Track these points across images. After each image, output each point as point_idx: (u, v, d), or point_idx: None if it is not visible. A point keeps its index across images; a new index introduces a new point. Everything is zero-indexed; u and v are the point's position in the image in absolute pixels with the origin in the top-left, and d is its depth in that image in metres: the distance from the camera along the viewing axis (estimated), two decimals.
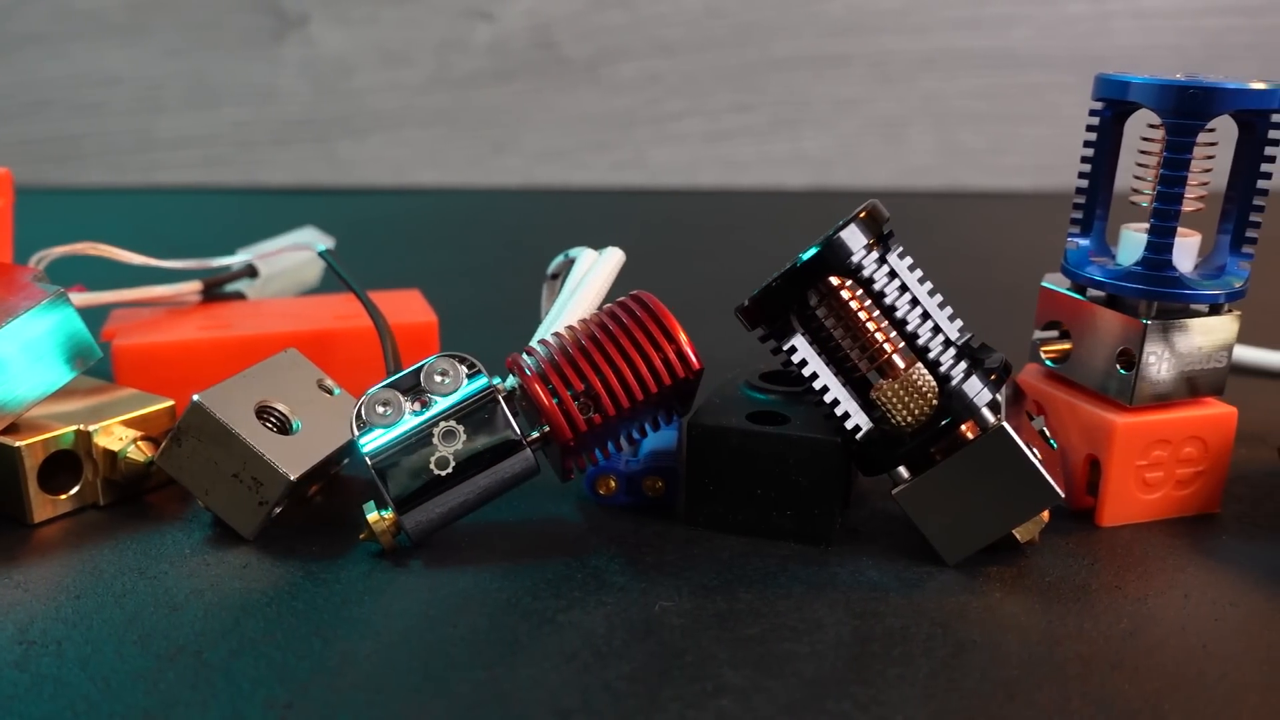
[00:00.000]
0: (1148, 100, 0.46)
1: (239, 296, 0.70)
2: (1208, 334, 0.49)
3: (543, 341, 0.47)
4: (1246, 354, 0.70)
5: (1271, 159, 0.48)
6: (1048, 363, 0.53)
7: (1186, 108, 0.45)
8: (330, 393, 0.53)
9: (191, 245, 0.75)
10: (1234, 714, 0.37)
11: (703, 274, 0.96)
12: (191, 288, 0.66)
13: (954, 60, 1.42)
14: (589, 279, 0.52)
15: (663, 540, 0.48)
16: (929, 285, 0.47)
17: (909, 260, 0.47)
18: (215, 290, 0.68)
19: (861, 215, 0.44)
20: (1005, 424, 0.44)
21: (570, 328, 0.48)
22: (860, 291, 0.45)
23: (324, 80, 1.42)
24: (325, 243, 0.77)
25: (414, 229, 1.19)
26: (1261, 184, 0.48)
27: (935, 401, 0.44)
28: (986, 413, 0.44)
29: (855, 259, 0.44)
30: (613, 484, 0.51)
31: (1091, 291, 0.50)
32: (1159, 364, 0.48)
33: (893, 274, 0.46)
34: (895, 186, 1.44)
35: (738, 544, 0.47)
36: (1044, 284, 0.52)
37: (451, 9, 1.41)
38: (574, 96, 1.43)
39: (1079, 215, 0.51)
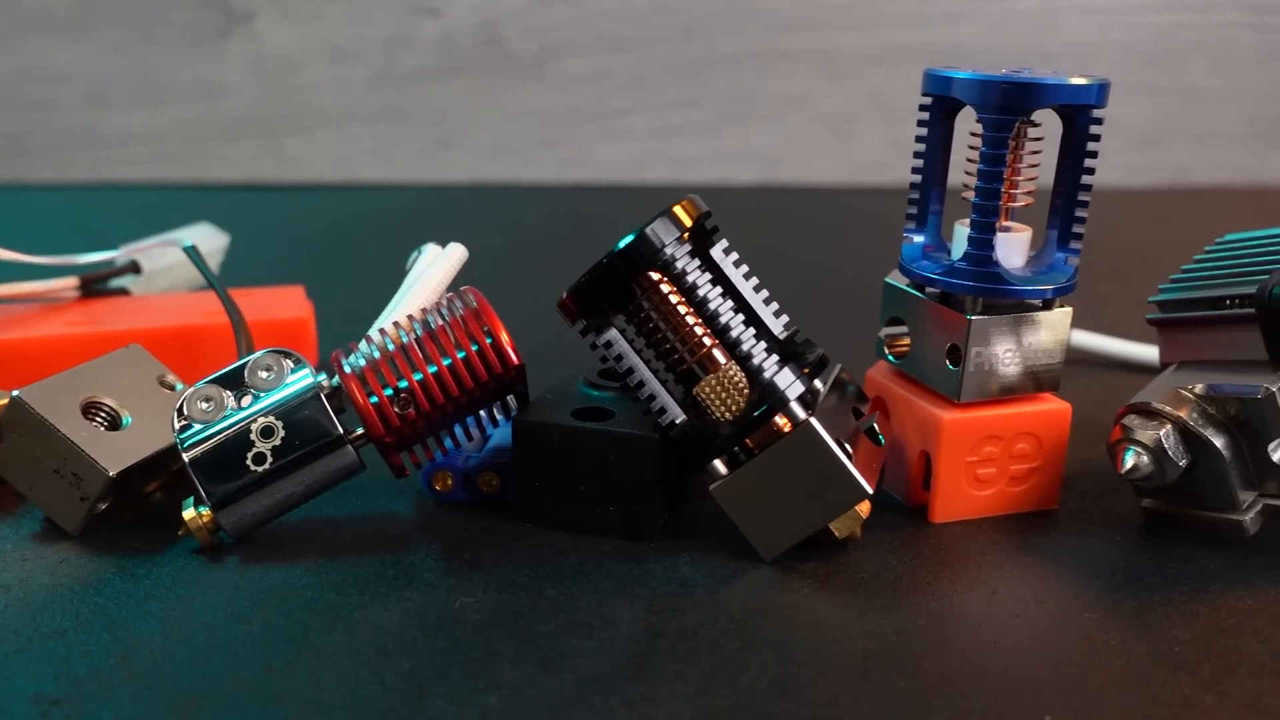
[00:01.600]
0: (965, 95, 0.46)
1: (123, 292, 0.70)
2: (1038, 330, 0.48)
3: (367, 338, 0.47)
4: (1119, 347, 0.70)
5: (1094, 154, 0.47)
6: (890, 359, 0.52)
7: (1001, 102, 0.45)
8: (172, 388, 0.52)
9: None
10: (1000, 711, 0.36)
11: None
12: (67, 284, 0.66)
13: (901, 56, 1.42)
14: (425, 275, 0.52)
15: (488, 537, 0.48)
16: (754, 281, 0.47)
17: (734, 255, 0.47)
18: (97, 286, 0.68)
19: (671, 210, 0.44)
20: (813, 420, 0.44)
21: (395, 324, 0.48)
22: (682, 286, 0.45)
23: (271, 77, 1.42)
24: (221, 239, 0.78)
25: (362, 226, 1.19)
26: (1086, 179, 0.48)
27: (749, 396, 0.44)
28: (796, 407, 0.44)
29: (667, 253, 0.44)
30: (449, 480, 0.51)
31: (931, 289, 0.50)
32: (986, 360, 0.48)
33: (713, 268, 0.46)
34: (844, 182, 1.43)
35: (561, 540, 0.47)
36: (886, 280, 0.52)
37: (398, 5, 1.41)
38: (521, 93, 1.43)
39: (914, 211, 0.50)
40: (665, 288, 0.45)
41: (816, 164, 1.46)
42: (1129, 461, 0.46)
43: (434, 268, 0.52)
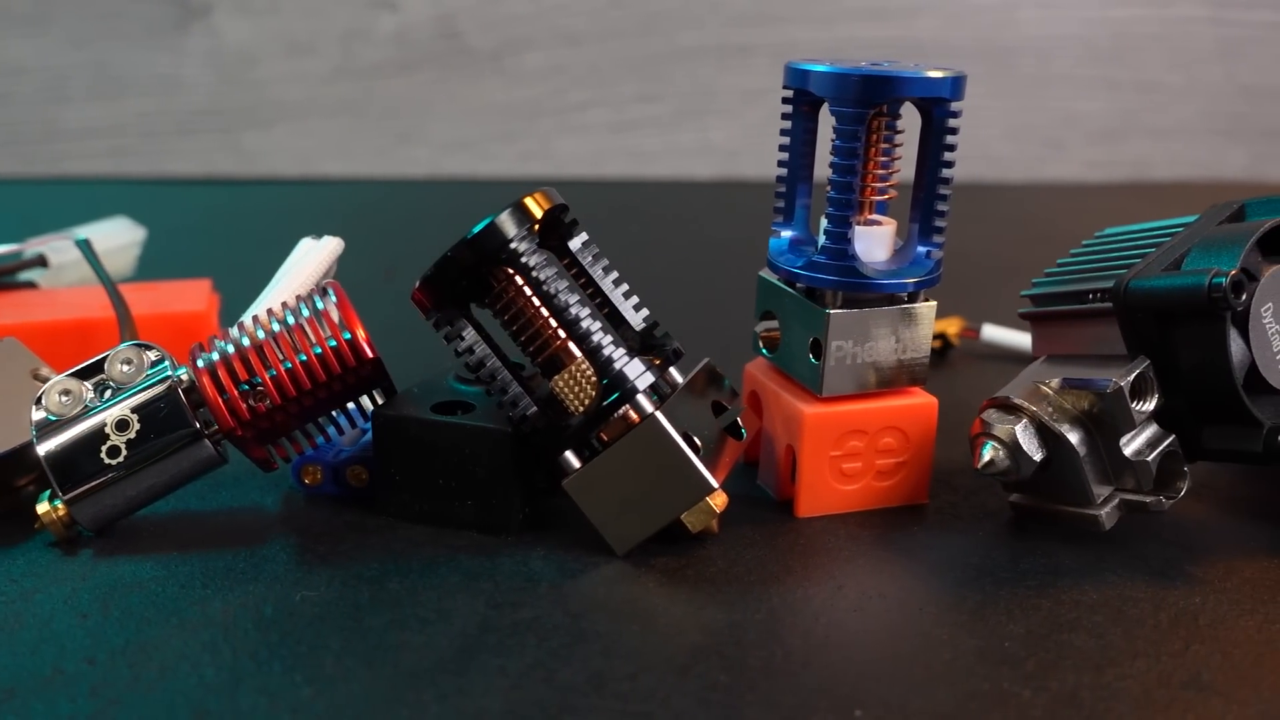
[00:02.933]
0: (819, 89, 0.46)
1: (31, 286, 0.70)
2: (902, 324, 0.48)
3: (224, 331, 0.47)
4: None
5: (951, 147, 0.47)
6: (764, 352, 0.52)
7: (851, 95, 0.45)
8: (45, 382, 0.52)
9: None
10: (813, 705, 0.36)
11: (616, 264, 0.95)
12: None
13: (859, 50, 1.41)
14: (297, 268, 0.52)
15: (348, 531, 0.48)
16: (615, 274, 0.47)
17: (595, 249, 0.47)
18: (3, 280, 0.68)
19: (521, 201, 0.44)
20: (658, 413, 0.44)
21: (255, 318, 0.48)
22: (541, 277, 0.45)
23: (228, 70, 1.42)
24: (137, 233, 0.78)
25: (320, 220, 1.19)
26: (945, 173, 0.47)
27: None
28: (643, 399, 0.44)
29: (515, 245, 0.44)
30: (318, 474, 0.51)
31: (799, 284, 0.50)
32: (848, 354, 0.48)
33: (573, 262, 0.46)
34: None
35: (419, 534, 0.47)
36: (760, 275, 0.52)
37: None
38: (479, 87, 1.43)
39: (781, 204, 0.50)
40: (520, 280, 0.45)
41: (775, 158, 1.45)
42: (985, 456, 0.46)
43: (304, 261, 0.52)
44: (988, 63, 1.41)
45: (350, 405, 0.49)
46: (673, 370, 0.48)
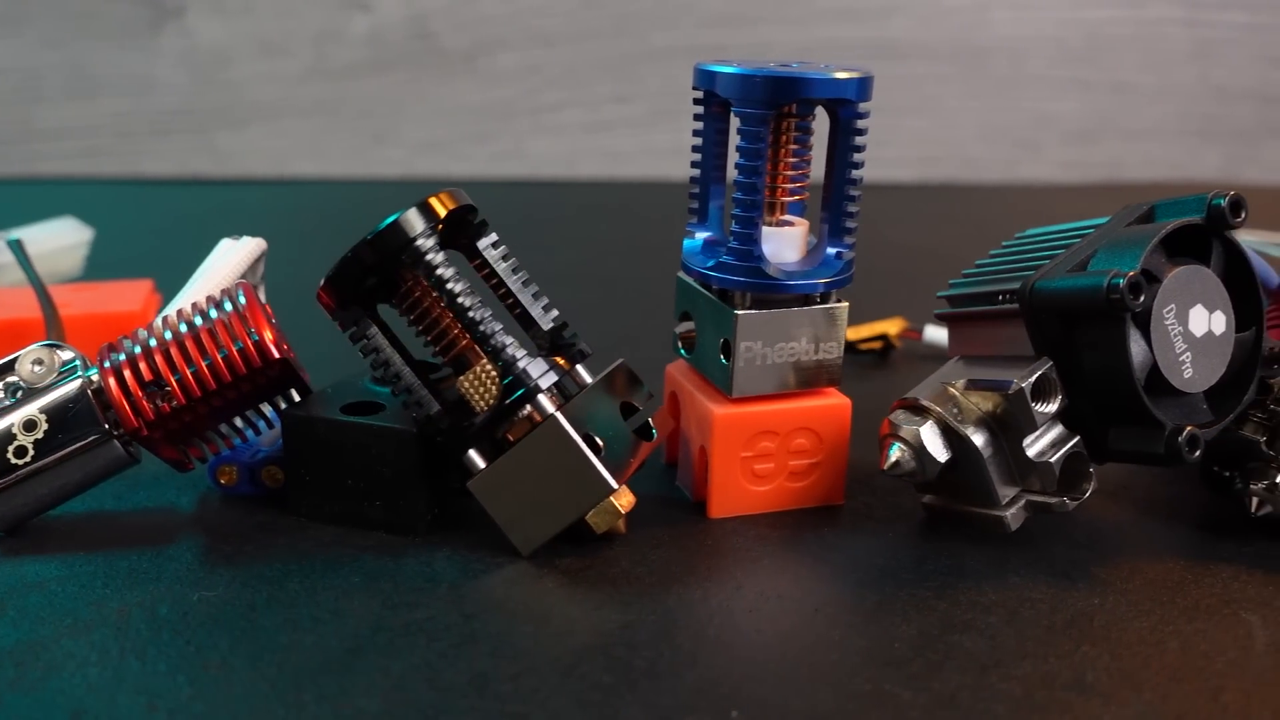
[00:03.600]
0: (723, 90, 0.46)
1: None
2: (812, 324, 0.48)
3: (133, 332, 0.47)
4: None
5: (859, 148, 0.47)
6: (682, 353, 0.52)
7: (753, 96, 0.45)
8: None
9: None
10: (691, 705, 0.36)
11: (583, 265, 0.95)
12: None
13: (832, 51, 1.41)
14: (213, 268, 0.52)
15: (258, 531, 0.48)
16: (524, 275, 0.47)
17: (503, 249, 0.47)
18: None
19: (426, 201, 0.44)
20: (558, 413, 0.44)
21: (165, 318, 0.48)
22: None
23: (202, 71, 1.42)
24: (84, 234, 0.78)
25: (294, 220, 1.19)
26: (854, 173, 0.47)
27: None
28: (544, 399, 0.44)
29: (418, 244, 0.44)
30: (234, 474, 0.51)
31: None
32: (757, 355, 0.48)
33: (482, 262, 0.46)
34: None
35: (328, 534, 0.47)
36: (679, 275, 0.52)
37: (328, 0, 1.41)
38: (453, 87, 1.43)
39: (695, 205, 0.50)
40: (424, 280, 0.45)
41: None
42: (891, 457, 0.46)
43: (221, 261, 0.52)
44: (961, 63, 1.41)
45: (269, 407, 0.49)
46: (581, 371, 0.48)
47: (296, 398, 0.48)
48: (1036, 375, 0.44)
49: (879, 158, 1.46)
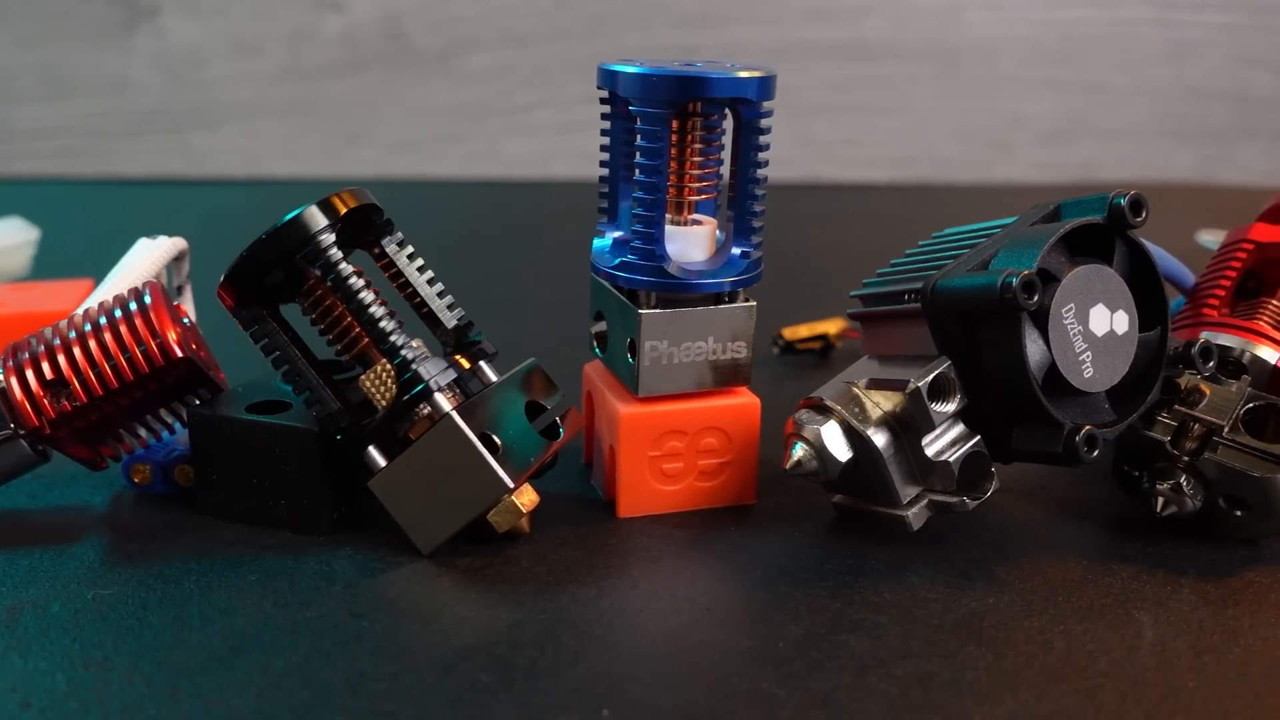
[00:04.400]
0: (623, 89, 0.46)
1: None
2: (718, 323, 0.48)
3: (40, 332, 0.47)
4: None
5: (762, 148, 0.47)
6: (597, 353, 0.52)
7: (650, 96, 0.45)
8: None
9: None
10: (564, 704, 0.36)
11: (553, 264, 0.94)
12: None
13: (805, 52, 1.41)
14: (126, 268, 0.52)
15: (166, 530, 0.48)
16: (430, 274, 0.47)
17: (409, 249, 0.47)
18: None
19: (328, 199, 0.44)
20: (453, 412, 0.44)
21: (71, 317, 0.48)
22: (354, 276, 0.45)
23: (176, 71, 1.42)
24: (30, 234, 0.78)
25: (268, 221, 1.19)
26: (759, 173, 0.47)
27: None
28: (439, 398, 0.44)
29: (314, 244, 0.44)
30: (147, 472, 0.51)
31: None
32: (663, 354, 0.48)
33: (389, 263, 0.46)
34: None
35: (235, 533, 0.47)
36: (592, 275, 0.52)
37: (301, 0, 1.41)
38: (426, 88, 1.43)
39: (604, 205, 0.50)
40: (322, 279, 0.45)
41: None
42: (794, 456, 0.46)
43: (135, 260, 0.52)
44: (934, 64, 1.40)
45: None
46: (487, 370, 0.48)
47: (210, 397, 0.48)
48: (933, 375, 0.44)
49: (853, 158, 1.46)
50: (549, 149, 1.43)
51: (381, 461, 0.45)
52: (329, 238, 0.44)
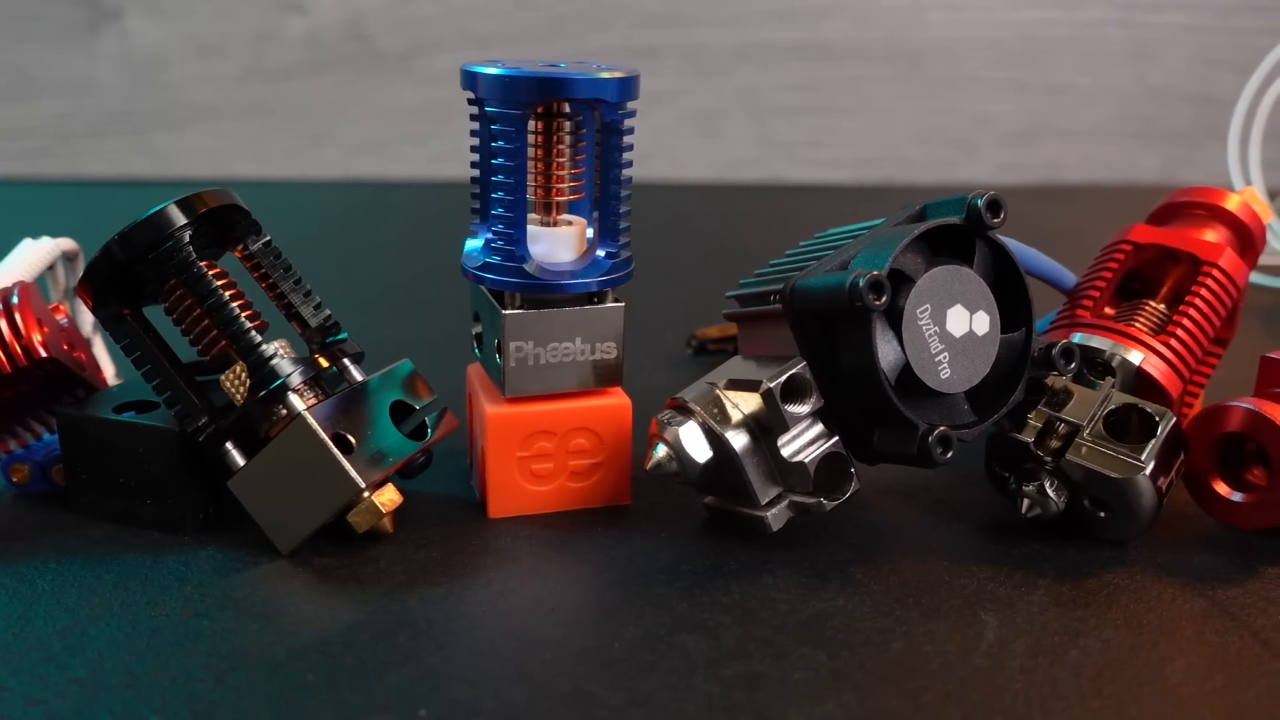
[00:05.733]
0: (481, 91, 0.46)
1: None
2: (586, 324, 0.48)
3: None
4: None
5: (625, 148, 0.47)
6: (476, 353, 0.52)
7: (505, 97, 0.45)
8: None
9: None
10: (379, 704, 0.36)
11: None
12: None
13: (767, 53, 1.41)
14: (3, 268, 0.52)
15: (35, 529, 0.48)
16: (295, 275, 0.47)
17: (275, 250, 0.47)
18: None
19: (187, 199, 0.44)
20: (306, 413, 0.44)
21: None
22: (214, 274, 0.46)
23: (140, 72, 1.43)
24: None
25: None
26: (623, 173, 0.47)
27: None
28: (293, 398, 0.44)
29: (168, 244, 0.44)
30: (25, 472, 0.51)
31: None
32: (528, 355, 0.48)
33: (256, 264, 0.46)
34: (714, 179, 1.43)
35: (103, 532, 0.48)
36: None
37: (264, 2, 1.41)
38: (390, 89, 1.43)
39: (476, 206, 0.50)
40: (179, 279, 0.45)
41: (686, 160, 1.45)
42: (655, 456, 0.46)
43: (14, 261, 0.52)
44: (897, 65, 1.40)
45: None
46: (353, 370, 0.48)
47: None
48: (787, 375, 0.44)
49: (815, 159, 1.46)
50: None
51: (241, 461, 0.45)
52: (183, 237, 0.44)
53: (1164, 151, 1.43)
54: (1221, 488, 0.47)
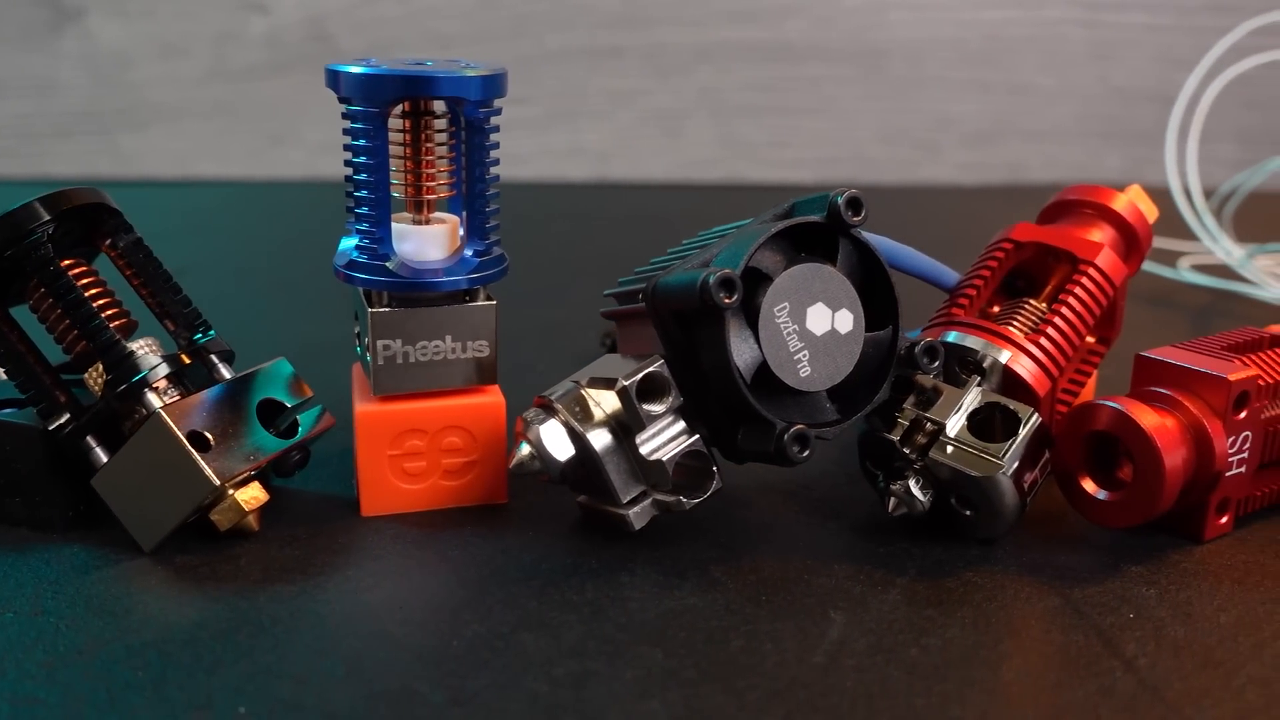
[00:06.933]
0: (342, 89, 0.46)
1: None
2: (456, 322, 0.48)
3: None
4: None
5: (492, 146, 0.47)
6: (358, 351, 0.52)
7: (362, 95, 0.45)
8: None
9: None
10: (200, 704, 0.36)
11: None
12: None
13: (729, 53, 1.41)
14: None
15: None
16: (165, 274, 0.47)
17: (145, 249, 0.47)
18: None
19: (48, 197, 0.44)
20: (161, 410, 0.44)
21: None
22: (80, 272, 0.46)
23: (103, 72, 1.43)
24: None
25: (197, 221, 1.19)
26: (490, 171, 0.47)
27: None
28: (150, 395, 0.44)
29: (27, 241, 0.44)
30: None
31: None
32: (397, 353, 0.48)
33: (127, 262, 0.46)
34: (676, 179, 1.43)
35: None
36: None
37: (226, 2, 1.41)
38: None
39: (350, 204, 0.50)
40: (41, 278, 0.45)
41: (649, 161, 1.45)
42: (519, 454, 0.46)
43: None
44: (860, 65, 1.40)
45: None
46: (221, 368, 0.48)
47: None
48: (643, 374, 0.44)
49: (778, 159, 1.46)
50: None
51: (104, 458, 0.45)
52: (41, 235, 0.44)
53: (1127, 151, 1.42)
54: (1089, 486, 0.47)
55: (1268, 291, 0.84)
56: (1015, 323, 0.50)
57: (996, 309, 0.53)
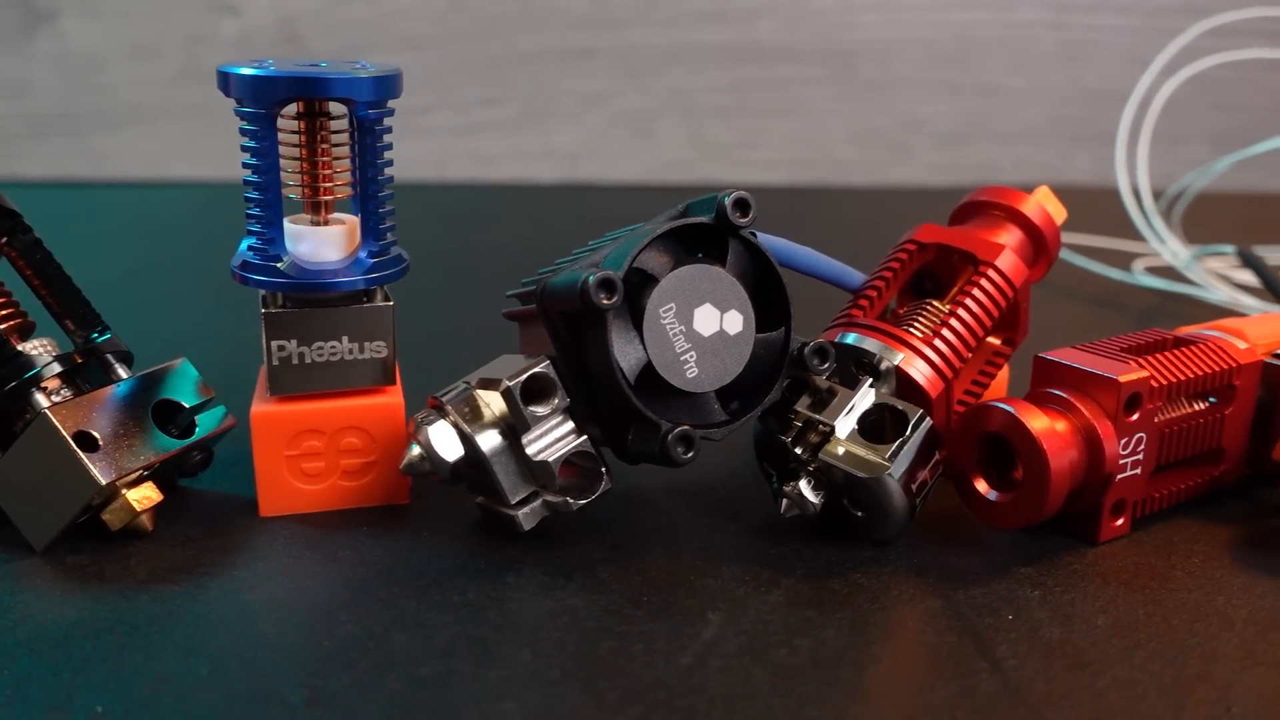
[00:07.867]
0: (232, 91, 0.46)
1: None
2: (348, 323, 0.48)
3: None
4: None
5: (385, 146, 0.47)
6: None
7: (250, 96, 0.45)
8: None
9: None
10: (57, 705, 0.37)
11: (454, 268, 0.95)
12: None
13: (700, 54, 1.41)
14: None
15: None
16: (64, 275, 0.48)
17: (45, 250, 0.48)
18: None
19: None
20: (47, 410, 0.44)
21: None
22: None
23: (76, 74, 1.43)
24: None
25: (169, 222, 1.20)
26: (383, 173, 0.47)
27: None
28: (38, 396, 0.45)
29: None
30: None
31: None
32: (292, 353, 0.48)
33: (27, 262, 0.47)
34: (647, 180, 1.43)
35: None
36: None
37: (197, 3, 1.42)
38: None
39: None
40: None
41: (619, 162, 1.45)
42: (409, 455, 0.46)
43: None
44: (830, 66, 1.40)
45: None
46: (118, 368, 0.48)
47: None
48: (528, 374, 0.44)
49: (749, 160, 1.46)
50: (445, 152, 1.44)
51: None
52: None
53: (1097, 153, 1.42)
54: (981, 486, 0.47)
55: (1213, 294, 0.84)
56: (916, 324, 0.50)
57: (903, 310, 0.53)
